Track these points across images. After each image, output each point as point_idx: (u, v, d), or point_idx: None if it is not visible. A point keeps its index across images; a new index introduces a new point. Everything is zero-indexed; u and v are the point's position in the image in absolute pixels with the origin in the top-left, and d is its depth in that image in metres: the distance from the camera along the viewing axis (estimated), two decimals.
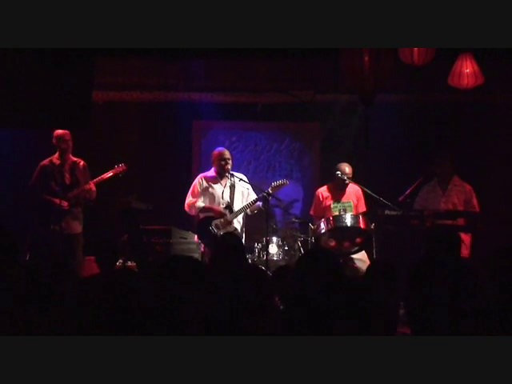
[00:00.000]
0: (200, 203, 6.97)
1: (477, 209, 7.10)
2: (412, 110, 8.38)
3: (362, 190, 7.24)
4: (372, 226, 6.88)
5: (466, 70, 6.54)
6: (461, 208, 7.10)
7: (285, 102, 8.35)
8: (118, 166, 7.09)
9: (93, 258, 5.29)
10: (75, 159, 7.15)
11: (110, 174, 7.06)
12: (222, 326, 2.70)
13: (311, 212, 7.46)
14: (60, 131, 6.97)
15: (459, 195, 7.13)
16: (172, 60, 7.15)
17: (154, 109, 8.35)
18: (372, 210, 7.22)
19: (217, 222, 6.93)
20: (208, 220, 6.92)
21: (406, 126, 8.32)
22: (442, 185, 7.21)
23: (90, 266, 6.13)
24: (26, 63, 6.11)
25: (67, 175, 7.06)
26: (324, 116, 8.51)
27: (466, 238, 6.90)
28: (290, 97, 8.21)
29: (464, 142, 8.33)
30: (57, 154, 7.10)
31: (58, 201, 6.88)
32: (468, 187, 7.17)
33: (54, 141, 7.05)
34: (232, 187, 7.06)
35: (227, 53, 7.07)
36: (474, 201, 7.11)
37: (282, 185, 7.05)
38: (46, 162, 7.11)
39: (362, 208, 7.30)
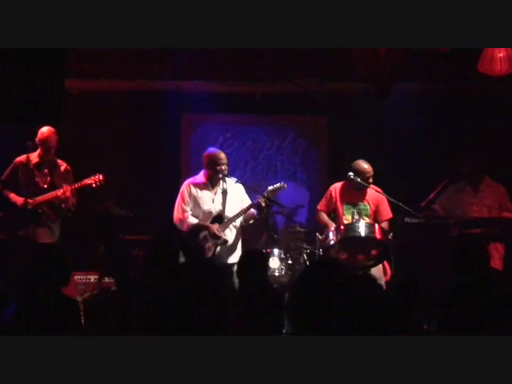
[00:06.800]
0: (192, 219, 6.66)
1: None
2: (435, 100, 8.08)
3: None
4: (390, 236, 6.51)
5: (500, 54, 6.28)
6: (495, 212, 6.91)
7: (288, 92, 8.03)
8: (95, 176, 6.81)
9: None
10: (58, 161, 6.97)
11: (86, 182, 6.82)
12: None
13: (319, 207, 7.01)
14: (45, 128, 6.79)
15: (493, 197, 6.95)
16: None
17: (137, 100, 8.08)
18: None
19: (205, 233, 6.60)
20: (196, 232, 6.60)
21: (428, 120, 8.03)
22: (473, 186, 6.98)
23: None
24: None
25: (44, 177, 6.87)
26: (333, 108, 8.19)
27: (499, 248, 6.81)
28: (294, 86, 7.89)
29: (495, 137, 7.98)
30: (37, 152, 6.90)
31: (21, 200, 6.66)
32: (502, 189, 7.01)
33: (36, 138, 6.85)
34: (224, 193, 6.71)
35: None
36: (509, 204, 6.94)
37: (279, 189, 6.69)
38: (22, 158, 6.88)
39: (388, 214, 6.82)
